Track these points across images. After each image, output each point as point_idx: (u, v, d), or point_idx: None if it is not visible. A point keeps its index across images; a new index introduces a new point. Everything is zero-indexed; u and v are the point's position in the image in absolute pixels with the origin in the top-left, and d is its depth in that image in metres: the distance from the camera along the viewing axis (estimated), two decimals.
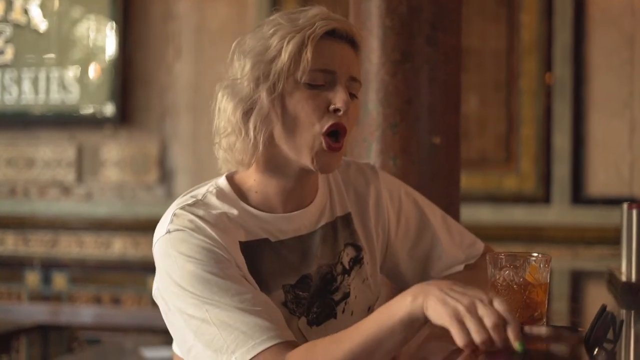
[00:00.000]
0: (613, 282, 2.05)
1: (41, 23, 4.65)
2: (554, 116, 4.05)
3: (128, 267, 4.57)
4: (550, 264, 1.34)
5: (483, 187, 4.06)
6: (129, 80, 4.58)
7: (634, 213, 1.93)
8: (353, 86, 1.38)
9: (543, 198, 4.03)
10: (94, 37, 4.56)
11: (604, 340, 1.26)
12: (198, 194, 1.39)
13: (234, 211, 1.37)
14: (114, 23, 4.52)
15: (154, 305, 1.37)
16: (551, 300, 1.38)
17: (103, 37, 4.55)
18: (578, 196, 4.02)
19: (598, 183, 4.01)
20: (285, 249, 1.40)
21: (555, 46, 4.06)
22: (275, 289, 1.37)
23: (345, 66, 1.36)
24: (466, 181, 2.32)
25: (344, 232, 1.50)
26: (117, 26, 4.52)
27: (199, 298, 1.25)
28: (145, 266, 4.42)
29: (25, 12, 4.67)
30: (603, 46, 4.03)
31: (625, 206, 1.99)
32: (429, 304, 1.11)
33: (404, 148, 2.02)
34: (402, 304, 1.14)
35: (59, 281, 4.68)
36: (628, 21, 4.00)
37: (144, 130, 4.59)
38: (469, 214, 2.24)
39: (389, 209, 1.56)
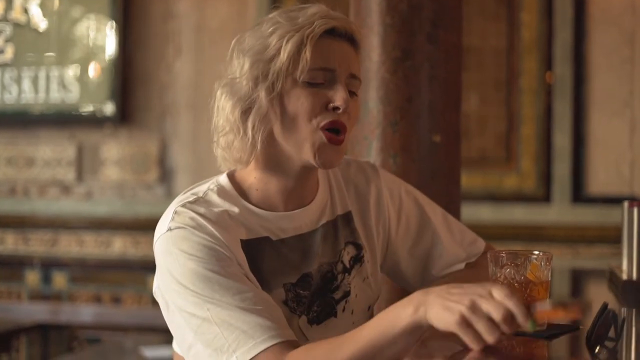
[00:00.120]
0: (614, 281, 2.05)
1: (41, 22, 4.64)
2: (555, 115, 4.05)
3: (128, 267, 4.56)
4: (551, 262, 1.34)
5: (483, 186, 4.06)
6: (129, 79, 4.57)
7: (635, 211, 1.93)
8: (353, 84, 1.38)
9: (543, 197, 4.02)
10: (94, 36, 4.56)
11: (606, 338, 1.26)
12: (199, 192, 1.38)
13: (235, 209, 1.37)
14: (114, 22, 4.51)
15: (154, 304, 1.37)
16: (552, 298, 1.37)
17: (103, 36, 4.54)
18: (578, 195, 4.01)
19: (598, 182, 4.01)
20: (286, 248, 1.40)
21: (555, 45, 4.06)
22: (276, 288, 1.37)
23: (344, 64, 1.36)
24: (466, 180, 2.32)
25: (345, 231, 1.50)
26: (117, 25, 4.51)
27: (200, 296, 1.25)
28: (145, 265, 4.42)
29: (25, 11, 4.66)
30: (603, 45, 4.02)
31: (626, 204, 1.99)
32: (433, 314, 1.10)
33: (404, 146, 2.02)
34: (404, 314, 1.13)
35: (59, 280, 4.67)
36: (628, 20, 4.00)
37: (144, 129, 4.58)
38: (469, 213, 2.23)
39: (390, 208, 1.56)
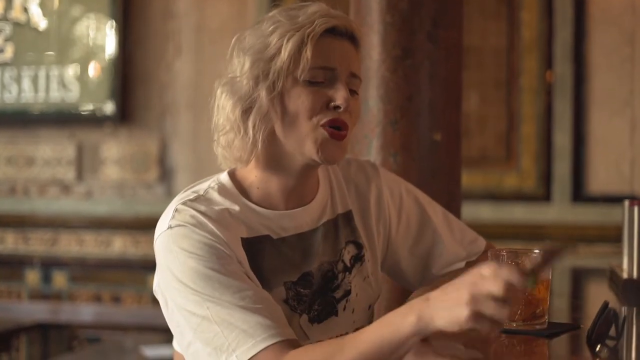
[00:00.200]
0: (614, 280, 2.05)
1: (41, 21, 4.64)
2: (555, 114, 4.05)
3: (128, 266, 4.57)
4: None
5: (483, 185, 4.05)
6: (129, 78, 4.57)
7: (636, 210, 1.93)
8: (353, 82, 1.38)
9: (543, 196, 4.02)
10: (94, 36, 4.56)
11: (607, 336, 1.26)
12: (200, 190, 1.38)
13: (236, 207, 1.37)
14: (114, 21, 4.51)
15: (154, 303, 1.37)
16: (552, 297, 1.37)
17: (103, 36, 4.54)
18: (578, 194, 4.01)
19: (598, 181, 4.01)
20: (286, 246, 1.40)
21: (555, 44, 4.06)
22: (276, 286, 1.36)
23: (345, 63, 1.36)
24: (466, 179, 2.32)
25: (345, 230, 1.49)
26: (117, 24, 4.51)
27: (200, 295, 1.24)
28: (145, 265, 4.42)
29: (25, 11, 4.67)
30: (603, 44, 4.02)
31: (626, 203, 1.99)
32: (441, 322, 1.07)
33: (405, 145, 2.02)
34: (406, 323, 1.11)
35: (59, 280, 4.67)
36: (628, 19, 4.00)
37: (144, 128, 4.58)
38: (470, 212, 2.23)
39: (390, 207, 1.56)
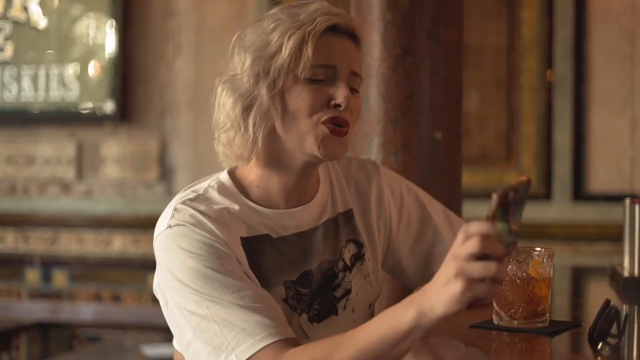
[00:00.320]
0: (615, 278, 2.04)
1: (41, 20, 4.64)
2: (555, 113, 4.04)
3: (128, 265, 4.56)
4: (553, 259, 1.33)
5: (484, 184, 4.05)
6: (129, 77, 4.57)
7: (637, 208, 1.92)
8: (354, 81, 1.38)
9: (544, 195, 4.02)
10: (94, 35, 4.56)
11: (608, 334, 1.25)
12: (199, 189, 1.38)
13: (236, 206, 1.36)
14: (114, 20, 4.51)
15: (154, 302, 1.37)
16: (553, 295, 1.37)
17: (103, 35, 4.54)
18: (579, 193, 4.01)
19: (599, 180, 4.01)
20: (286, 245, 1.40)
21: (555, 43, 4.06)
22: (276, 285, 1.36)
23: (346, 61, 1.36)
24: (467, 178, 2.32)
25: (346, 229, 1.49)
26: (117, 23, 4.51)
27: (200, 294, 1.24)
28: (145, 264, 4.41)
29: (24, 9, 4.66)
30: (604, 43, 4.02)
31: (627, 201, 1.98)
32: (437, 306, 1.07)
33: (405, 143, 2.01)
34: (405, 317, 1.10)
35: (59, 279, 4.67)
36: (629, 18, 4.00)
37: (144, 127, 4.58)
38: (470, 211, 2.23)
39: (391, 205, 1.56)
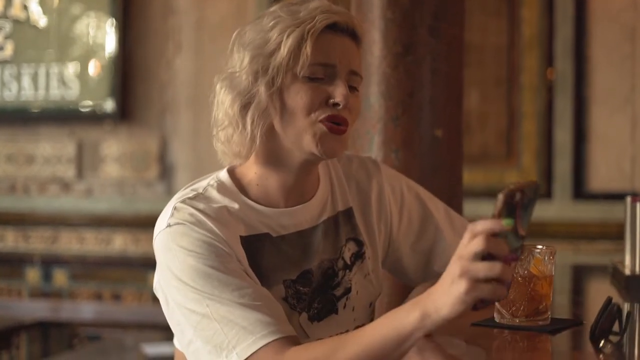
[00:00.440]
0: (617, 276, 2.04)
1: (41, 19, 4.64)
2: (555, 111, 4.04)
3: (128, 264, 4.56)
4: (555, 257, 1.33)
5: (484, 183, 4.05)
6: (129, 76, 4.57)
7: (638, 206, 1.92)
8: (353, 80, 1.37)
9: (545, 193, 4.02)
10: (94, 34, 4.56)
11: (610, 332, 1.25)
12: (199, 188, 1.38)
13: (235, 205, 1.36)
14: (114, 19, 4.51)
15: (155, 301, 1.37)
16: (554, 294, 1.36)
17: (103, 33, 4.54)
18: (579, 191, 4.01)
19: (599, 178, 4.01)
20: (286, 244, 1.39)
21: (556, 41, 4.05)
22: (275, 284, 1.36)
23: (345, 60, 1.35)
24: (467, 176, 2.31)
25: (346, 227, 1.49)
26: (117, 22, 4.51)
27: (200, 293, 1.24)
28: (145, 262, 4.41)
29: (24, 8, 4.66)
30: (604, 41, 4.02)
31: (628, 199, 1.98)
32: (442, 307, 1.05)
33: (406, 141, 2.01)
34: (409, 318, 1.09)
35: (60, 277, 4.67)
36: (629, 16, 3.99)
37: (144, 126, 4.58)
38: (471, 210, 2.23)
39: (391, 203, 1.55)
